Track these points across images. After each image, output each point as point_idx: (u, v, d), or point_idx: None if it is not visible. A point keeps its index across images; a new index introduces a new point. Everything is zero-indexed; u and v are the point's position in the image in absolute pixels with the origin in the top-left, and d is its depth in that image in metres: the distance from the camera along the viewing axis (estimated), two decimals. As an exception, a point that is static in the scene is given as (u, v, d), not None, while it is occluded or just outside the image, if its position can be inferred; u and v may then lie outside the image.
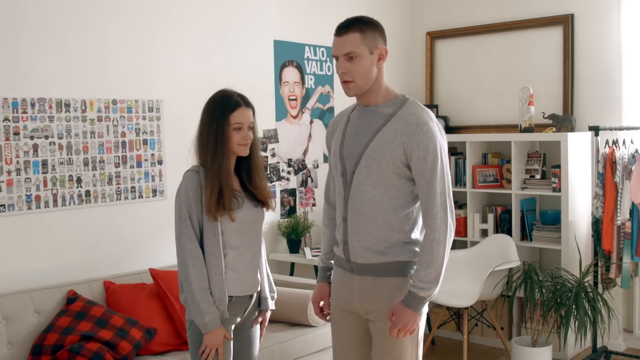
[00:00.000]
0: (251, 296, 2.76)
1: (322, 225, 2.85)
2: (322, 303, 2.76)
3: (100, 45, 3.90)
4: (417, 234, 2.53)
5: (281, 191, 4.93)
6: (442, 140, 2.47)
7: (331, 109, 5.27)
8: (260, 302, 2.84)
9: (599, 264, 4.63)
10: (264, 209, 2.78)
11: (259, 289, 2.80)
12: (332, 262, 2.73)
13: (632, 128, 4.60)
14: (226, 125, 2.62)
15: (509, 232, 4.99)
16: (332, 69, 5.28)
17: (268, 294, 2.85)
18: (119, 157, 3.98)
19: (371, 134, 2.49)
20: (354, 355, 2.66)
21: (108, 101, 3.93)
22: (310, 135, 5.13)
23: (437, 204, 2.41)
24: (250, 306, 2.78)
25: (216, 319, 2.60)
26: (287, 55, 4.97)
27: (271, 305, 2.86)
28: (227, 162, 2.63)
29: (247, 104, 2.68)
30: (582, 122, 4.98)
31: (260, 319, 2.85)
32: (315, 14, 5.08)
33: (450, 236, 2.44)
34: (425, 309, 2.49)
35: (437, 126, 2.46)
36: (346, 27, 2.45)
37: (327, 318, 2.79)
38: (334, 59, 2.56)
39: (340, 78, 2.50)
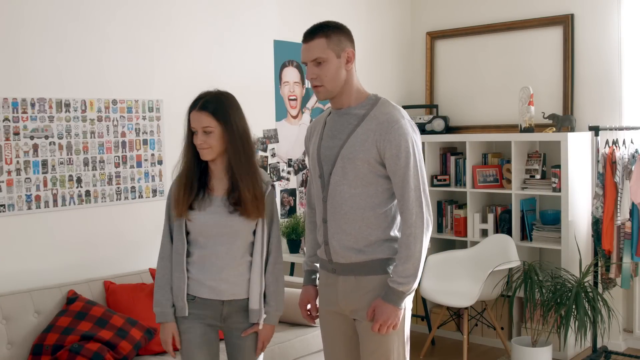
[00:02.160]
0: (226, 302, 2.61)
1: (305, 229, 2.87)
2: (309, 306, 2.79)
3: (100, 45, 3.90)
4: (395, 232, 2.56)
5: (281, 191, 4.94)
6: (415, 137, 2.50)
7: (331, 109, 5.27)
8: (249, 314, 2.65)
9: (599, 264, 4.63)
10: (250, 219, 2.59)
11: (234, 298, 2.62)
12: (317, 265, 2.76)
13: (632, 128, 4.60)
14: (189, 126, 2.62)
15: (509, 232, 4.99)
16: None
17: (259, 307, 2.63)
18: (119, 157, 3.98)
19: (346, 135, 2.53)
20: (344, 356, 2.67)
21: (108, 101, 3.93)
22: (310, 135, 5.13)
23: (411, 200, 2.45)
24: (227, 313, 2.63)
25: (166, 314, 2.62)
26: (287, 55, 4.97)
27: (261, 319, 2.64)
28: (186, 161, 2.64)
29: (203, 107, 2.53)
30: (582, 122, 4.98)
31: (250, 331, 2.65)
32: (315, 14, 5.07)
33: (428, 231, 2.48)
34: (407, 304, 2.53)
35: (409, 123, 2.50)
36: (312, 34, 2.51)
37: (315, 321, 2.83)
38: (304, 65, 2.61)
39: (310, 83, 2.56)
